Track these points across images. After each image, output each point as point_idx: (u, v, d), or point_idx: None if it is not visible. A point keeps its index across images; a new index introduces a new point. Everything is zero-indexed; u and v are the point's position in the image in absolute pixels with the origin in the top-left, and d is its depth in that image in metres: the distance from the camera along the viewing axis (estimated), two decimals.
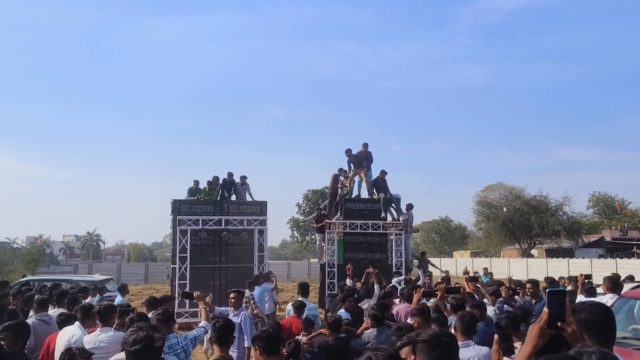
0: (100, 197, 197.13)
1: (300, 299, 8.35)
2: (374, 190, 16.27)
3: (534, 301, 8.41)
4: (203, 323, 5.74)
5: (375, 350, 2.33)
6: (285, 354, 5.71)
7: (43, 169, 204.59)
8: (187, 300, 12.31)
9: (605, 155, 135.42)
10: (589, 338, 2.19)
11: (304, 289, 8.61)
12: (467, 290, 7.31)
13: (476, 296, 7.35)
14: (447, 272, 19.74)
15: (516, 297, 9.03)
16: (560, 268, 34.60)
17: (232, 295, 7.19)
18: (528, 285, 8.81)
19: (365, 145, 16.77)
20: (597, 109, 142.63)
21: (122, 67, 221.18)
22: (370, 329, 6.18)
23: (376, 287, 9.67)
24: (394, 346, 5.53)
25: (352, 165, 16.71)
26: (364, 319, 7.45)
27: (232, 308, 7.07)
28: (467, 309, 5.74)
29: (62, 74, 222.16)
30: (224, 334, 4.26)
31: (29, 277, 18.44)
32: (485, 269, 19.52)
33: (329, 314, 7.06)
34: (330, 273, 15.01)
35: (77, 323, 5.62)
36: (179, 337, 5.07)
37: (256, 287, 10.89)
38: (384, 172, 16.40)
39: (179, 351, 4.90)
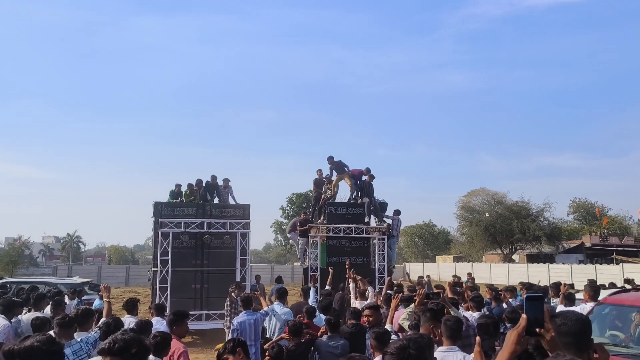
0: (81, 198, 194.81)
1: (276, 303, 8.32)
2: (359, 194, 16.26)
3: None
4: (104, 320, 5.47)
5: (350, 358, 2.30)
6: (267, 357, 5.70)
7: (23, 168, 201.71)
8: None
9: (586, 162, 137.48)
10: (562, 345, 2.19)
11: (281, 294, 8.60)
12: (449, 295, 7.33)
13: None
14: (428, 276, 19.84)
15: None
16: (540, 273, 35.01)
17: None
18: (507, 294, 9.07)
19: (369, 172, 16.65)
20: (578, 116, 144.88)
21: (106, 66, 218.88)
22: (324, 335, 6.20)
23: (370, 288, 9.67)
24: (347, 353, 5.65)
25: (334, 172, 16.72)
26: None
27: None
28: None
29: (45, 72, 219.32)
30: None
31: (7, 279, 18.10)
32: (469, 274, 19.65)
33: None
34: (313, 277, 14.98)
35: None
36: (81, 342, 4.96)
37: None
38: (371, 176, 16.37)
39: (83, 356, 4.80)
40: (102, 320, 5.20)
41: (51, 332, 5.40)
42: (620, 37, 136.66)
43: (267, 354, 5.77)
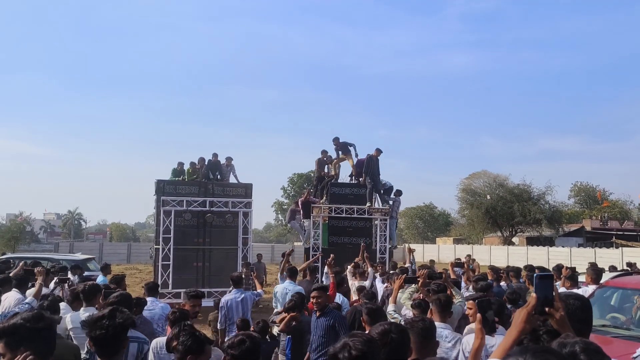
0: (82, 176, 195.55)
1: (288, 281, 8.39)
2: (364, 173, 16.04)
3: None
4: (29, 299, 5.56)
5: (352, 336, 2.29)
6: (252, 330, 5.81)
7: (24, 145, 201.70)
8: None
9: (589, 145, 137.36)
10: (577, 331, 2.18)
11: (292, 272, 8.65)
12: (452, 276, 7.36)
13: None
14: (432, 261, 19.88)
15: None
16: (540, 256, 35.18)
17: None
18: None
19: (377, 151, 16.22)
20: (582, 100, 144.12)
21: (107, 42, 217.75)
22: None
23: (370, 269, 9.74)
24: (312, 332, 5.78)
25: (339, 153, 16.60)
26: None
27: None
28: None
29: (45, 47, 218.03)
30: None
31: (9, 255, 18.21)
32: (469, 256, 19.69)
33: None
34: (314, 257, 15.02)
35: (62, 304, 5.62)
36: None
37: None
38: (378, 151, 16.05)
39: None
40: (115, 294, 5.22)
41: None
42: (626, 19, 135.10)
43: (251, 328, 5.87)
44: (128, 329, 3.04)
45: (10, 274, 7.41)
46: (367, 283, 9.06)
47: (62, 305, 5.56)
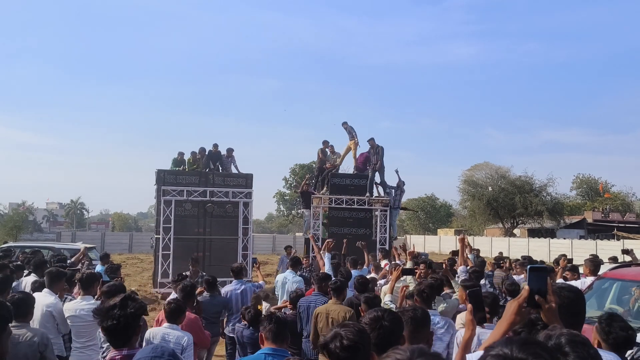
0: (84, 165, 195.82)
1: (289, 271, 8.42)
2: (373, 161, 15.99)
3: None
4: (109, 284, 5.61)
5: (344, 326, 2.29)
6: (244, 322, 5.80)
7: (28, 135, 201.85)
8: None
9: (592, 137, 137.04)
10: (569, 325, 2.16)
11: (294, 262, 8.67)
12: (460, 265, 7.35)
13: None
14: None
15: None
16: (541, 248, 35.17)
17: None
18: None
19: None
20: (586, 92, 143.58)
21: (110, 31, 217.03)
22: (205, 293, 6.83)
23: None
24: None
25: (349, 135, 16.44)
26: None
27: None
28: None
29: (47, 38, 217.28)
30: None
31: (11, 244, 18.24)
32: (469, 247, 19.63)
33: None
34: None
35: (45, 290, 5.50)
36: None
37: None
38: (373, 141, 15.99)
39: None
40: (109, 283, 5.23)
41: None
42: (632, 11, 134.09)
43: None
44: (140, 317, 3.03)
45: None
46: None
47: (46, 291, 5.49)
